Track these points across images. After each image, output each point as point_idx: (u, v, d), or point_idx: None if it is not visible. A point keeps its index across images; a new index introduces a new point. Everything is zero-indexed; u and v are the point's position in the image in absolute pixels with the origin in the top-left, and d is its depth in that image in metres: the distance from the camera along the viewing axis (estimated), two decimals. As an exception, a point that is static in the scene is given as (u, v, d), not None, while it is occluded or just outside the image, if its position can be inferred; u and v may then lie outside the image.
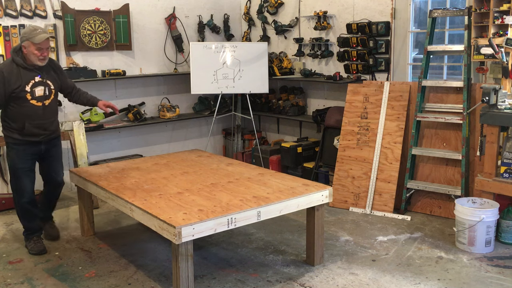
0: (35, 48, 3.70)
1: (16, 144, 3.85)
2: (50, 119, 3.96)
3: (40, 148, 3.96)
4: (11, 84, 3.70)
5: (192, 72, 5.99)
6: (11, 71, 3.71)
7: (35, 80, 3.80)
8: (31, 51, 3.71)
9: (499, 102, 3.99)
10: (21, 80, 3.73)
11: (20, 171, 3.89)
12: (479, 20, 4.31)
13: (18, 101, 3.76)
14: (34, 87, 3.79)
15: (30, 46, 3.70)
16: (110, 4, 5.76)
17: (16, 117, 3.80)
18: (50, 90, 3.90)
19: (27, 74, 3.76)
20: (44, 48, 3.74)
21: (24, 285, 3.49)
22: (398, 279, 3.46)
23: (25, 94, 3.76)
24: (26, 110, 3.80)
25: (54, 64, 4.05)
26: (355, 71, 5.54)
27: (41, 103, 3.85)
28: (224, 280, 3.51)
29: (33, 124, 3.83)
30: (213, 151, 6.85)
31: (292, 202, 3.40)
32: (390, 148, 4.88)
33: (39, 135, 3.88)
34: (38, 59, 3.74)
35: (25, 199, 3.95)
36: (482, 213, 3.84)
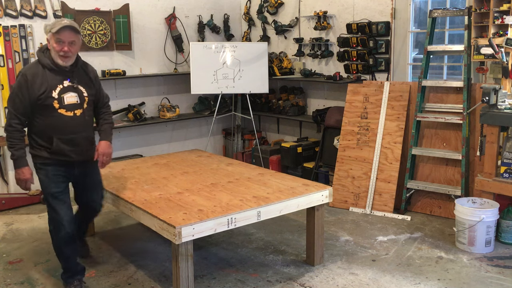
0: (54, 40, 3.05)
1: (45, 164, 3.19)
2: (82, 134, 3.22)
3: (73, 171, 3.28)
4: (35, 89, 3.05)
5: (192, 72, 5.99)
6: (35, 73, 3.07)
7: (63, 84, 3.13)
8: (52, 45, 3.08)
9: (499, 102, 3.99)
10: (46, 84, 3.07)
11: (53, 197, 3.20)
12: (479, 20, 4.31)
13: (44, 111, 3.11)
14: (62, 93, 3.11)
15: (51, 38, 3.08)
16: (110, 4, 5.76)
17: (43, 131, 3.14)
18: (82, 98, 3.20)
19: (54, 78, 3.10)
20: (66, 41, 3.05)
21: (24, 285, 3.49)
22: (398, 279, 3.46)
23: (52, 101, 3.09)
24: (54, 121, 3.12)
25: (89, 69, 3.36)
26: (355, 71, 5.54)
27: (72, 112, 3.16)
28: (224, 280, 3.51)
29: (62, 139, 3.14)
30: (213, 151, 6.85)
31: (292, 202, 3.40)
32: (390, 148, 4.88)
33: (69, 153, 3.19)
34: (59, 56, 3.07)
35: (62, 233, 3.21)
36: (482, 213, 3.84)
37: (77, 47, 3.14)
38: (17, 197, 5.16)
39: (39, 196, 5.21)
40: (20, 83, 3.07)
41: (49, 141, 3.13)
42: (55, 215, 3.20)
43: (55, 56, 3.07)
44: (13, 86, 3.13)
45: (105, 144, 3.35)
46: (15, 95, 3.08)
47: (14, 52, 5.19)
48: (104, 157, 3.32)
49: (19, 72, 3.13)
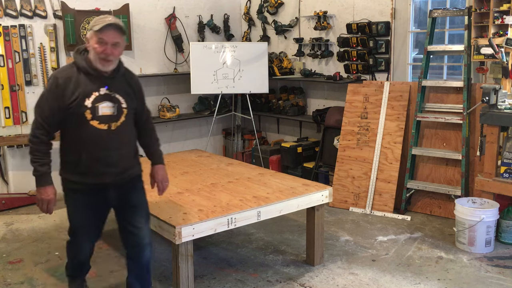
0: (95, 41, 2.59)
1: (73, 190, 2.73)
2: (120, 151, 2.73)
3: (108, 195, 2.75)
4: (67, 95, 2.59)
5: (192, 72, 5.99)
6: (69, 77, 2.62)
7: (99, 92, 2.64)
8: (92, 45, 2.61)
9: (499, 102, 3.99)
10: (80, 90, 2.61)
11: (76, 227, 2.83)
12: (479, 20, 4.31)
13: (74, 122, 2.64)
14: (97, 102, 2.63)
15: (92, 37, 2.61)
16: (110, 4, 5.76)
17: (71, 146, 2.68)
18: (120, 110, 2.70)
19: (89, 83, 2.63)
20: (109, 42, 2.59)
21: (24, 285, 3.49)
22: (398, 279, 3.46)
23: (84, 110, 2.61)
24: (84, 135, 2.63)
25: (132, 77, 2.85)
26: (355, 71, 5.54)
27: (106, 125, 2.65)
28: (224, 280, 3.51)
29: (92, 157, 2.64)
30: (213, 151, 6.85)
31: (292, 202, 3.40)
32: (390, 148, 4.88)
33: (101, 174, 2.68)
34: (99, 60, 2.61)
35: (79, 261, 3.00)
36: (482, 213, 3.84)
37: (121, 50, 2.68)
38: (17, 197, 5.17)
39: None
40: (50, 87, 2.63)
41: (76, 158, 2.66)
42: (77, 247, 2.90)
43: (95, 59, 2.62)
44: (43, 91, 2.70)
45: (162, 169, 2.97)
46: (44, 100, 2.64)
47: (14, 52, 5.19)
48: (164, 184, 2.96)
49: (51, 75, 2.71)
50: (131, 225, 2.84)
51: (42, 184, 2.68)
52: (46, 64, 5.39)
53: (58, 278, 3.57)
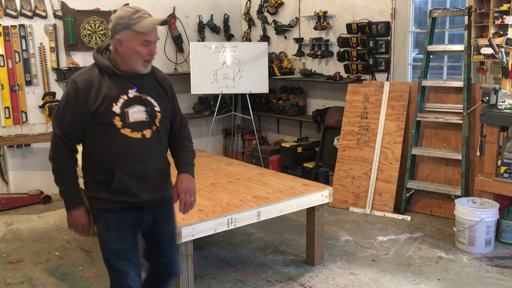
0: (139, 42, 2.19)
1: (104, 210, 2.28)
2: (154, 164, 2.31)
3: (143, 217, 2.33)
4: (90, 101, 2.18)
5: (192, 72, 5.99)
6: (90, 80, 2.20)
7: (128, 95, 2.24)
8: (133, 48, 2.20)
9: (499, 102, 3.99)
10: (105, 95, 2.19)
11: (116, 255, 2.30)
12: (479, 20, 4.31)
13: (101, 132, 2.22)
14: (126, 107, 2.22)
15: (132, 39, 2.19)
16: (110, 4, 5.76)
17: (100, 161, 2.25)
18: (153, 114, 2.29)
19: (115, 85, 2.22)
20: (153, 42, 2.24)
21: (24, 285, 3.49)
22: (398, 279, 3.46)
23: (112, 118, 2.20)
24: (115, 146, 2.22)
25: (162, 76, 2.42)
26: (355, 71, 5.54)
27: (140, 133, 2.25)
28: (224, 280, 3.51)
29: (127, 172, 2.23)
30: (213, 151, 6.85)
31: (292, 202, 3.40)
32: (390, 148, 4.88)
33: (137, 192, 2.26)
34: (143, 62, 2.24)
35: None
36: (482, 213, 3.84)
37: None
38: (17, 197, 5.17)
39: (39, 196, 5.21)
40: (68, 94, 2.20)
41: (109, 175, 2.23)
42: (122, 279, 2.30)
43: (137, 63, 2.23)
44: (60, 99, 2.26)
45: (187, 179, 2.38)
46: (62, 110, 2.21)
47: (14, 52, 5.19)
48: (187, 196, 2.36)
49: (69, 79, 2.27)
50: (165, 258, 2.46)
51: (72, 207, 2.28)
52: (46, 64, 5.39)
53: (58, 278, 3.57)
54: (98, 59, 2.27)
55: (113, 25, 2.22)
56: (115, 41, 2.23)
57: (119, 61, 2.24)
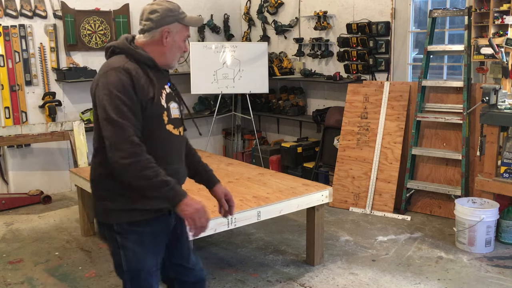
0: (184, 37, 2.12)
1: (137, 224, 2.03)
2: (184, 163, 2.26)
3: (171, 221, 2.18)
4: (144, 92, 1.98)
5: (192, 72, 5.99)
6: (138, 70, 1.99)
7: (166, 90, 2.10)
8: (178, 41, 2.10)
9: (499, 102, 3.99)
10: (153, 87, 2.02)
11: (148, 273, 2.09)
12: (479, 20, 4.30)
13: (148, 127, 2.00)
14: (168, 102, 2.09)
15: (180, 32, 2.10)
16: (110, 4, 5.76)
17: None
18: (182, 111, 2.23)
19: (157, 79, 2.06)
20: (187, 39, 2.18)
21: (24, 285, 3.49)
22: (398, 279, 3.46)
23: (162, 112, 2.04)
24: (160, 143, 2.05)
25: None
26: (355, 71, 5.54)
27: (178, 131, 2.14)
28: (224, 280, 3.51)
29: (169, 171, 2.00)
30: (213, 151, 6.85)
31: (292, 202, 3.40)
32: (390, 148, 4.88)
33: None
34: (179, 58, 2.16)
35: None
36: (482, 213, 3.84)
37: None
38: (17, 197, 5.17)
39: (39, 196, 5.21)
40: (121, 81, 1.92)
41: None
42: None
43: (174, 57, 2.13)
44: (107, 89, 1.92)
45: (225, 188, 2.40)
46: (117, 100, 1.90)
47: (14, 52, 5.19)
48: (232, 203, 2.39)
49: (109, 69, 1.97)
50: (188, 262, 2.32)
51: (184, 194, 1.98)
52: (46, 64, 5.39)
53: (58, 278, 3.57)
54: (135, 51, 2.03)
55: (162, 16, 2.04)
56: (161, 32, 2.05)
57: (156, 54, 2.07)
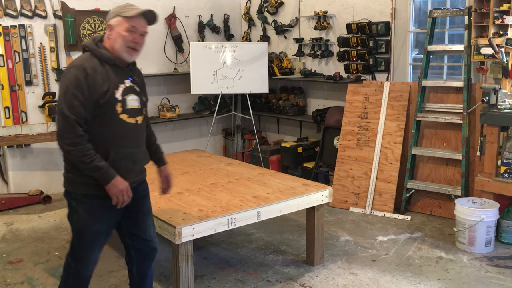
0: (125, 28, 2.42)
1: (89, 196, 2.44)
2: (142, 148, 2.61)
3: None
4: (97, 87, 2.35)
5: (192, 72, 5.99)
6: (95, 67, 2.38)
7: (125, 84, 2.48)
8: (119, 33, 2.42)
9: (499, 102, 3.99)
10: (109, 82, 2.40)
11: (90, 236, 2.49)
12: (479, 20, 4.30)
13: (102, 117, 2.40)
14: (125, 95, 2.46)
15: (121, 24, 2.43)
16: (110, 4, 5.75)
17: (96, 143, 2.38)
18: (142, 102, 2.58)
19: (115, 75, 2.44)
20: (138, 32, 2.46)
21: (24, 285, 3.49)
22: (398, 279, 3.46)
23: (115, 103, 2.41)
24: (114, 130, 2.43)
25: (139, 70, 2.72)
26: (355, 71, 5.54)
27: (134, 120, 2.50)
28: (224, 280, 3.51)
29: (120, 154, 2.45)
30: (213, 151, 6.85)
31: (292, 202, 3.40)
32: (390, 148, 4.88)
33: (125, 174, 2.46)
34: (126, 47, 2.43)
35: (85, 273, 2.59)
36: (482, 213, 3.84)
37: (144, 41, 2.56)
38: (17, 197, 5.17)
39: (39, 196, 5.21)
40: (77, 79, 2.32)
41: (103, 156, 2.38)
42: (84, 255, 2.53)
43: (121, 48, 2.43)
44: (65, 85, 2.34)
45: (167, 168, 2.82)
46: (71, 96, 2.30)
47: (14, 52, 5.19)
48: (170, 182, 2.84)
49: (70, 66, 2.40)
50: (145, 234, 2.71)
51: (112, 176, 2.38)
52: (46, 64, 5.39)
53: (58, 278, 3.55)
54: (96, 49, 2.43)
55: (109, 15, 2.49)
56: (107, 27, 2.49)
57: (111, 49, 2.44)
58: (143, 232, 2.70)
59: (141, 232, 2.70)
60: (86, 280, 2.62)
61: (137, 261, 2.76)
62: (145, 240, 2.72)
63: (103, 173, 2.36)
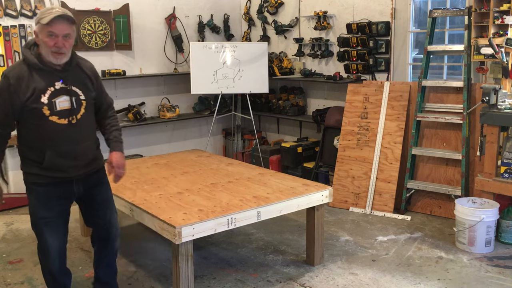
0: (45, 33, 2.54)
1: (36, 184, 2.70)
2: (82, 144, 2.74)
3: (73, 189, 2.77)
4: (20, 94, 2.56)
5: (192, 72, 5.99)
6: (20, 75, 2.57)
7: (55, 87, 2.63)
8: (42, 39, 2.56)
9: (499, 102, 3.99)
10: (34, 88, 2.58)
11: (42, 222, 2.73)
12: (479, 20, 4.31)
13: (33, 119, 2.62)
14: (54, 97, 2.62)
15: (42, 31, 2.55)
16: (110, 4, 5.76)
17: (33, 142, 2.66)
18: (79, 102, 2.70)
19: (43, 79, 2.60)
20: (59, 34, 2.55)
21: (24, 285, 3.49)
22: (398, 279, 3.46)
23: (41, 107, 2.59)
24: (45, 131, 2.63)
25: (87, 66, 2.82)
26: (355, 71, 5.54)
27: (66, 120, 2.66)
28: (224, 280, 3.51)
29: (56, 152, 2.65)
30: (213, 151, 6.85)
31: (292, 202, 3.40)
32: (390, 148, 4.88)
33: (67, 168, 2.69)
34: (51, 53, 2.57)
35: (50, 265, 2.82)
36: (482, 213, 3.84)
37: (72, 41, 2.64)
38: (17, 197, 5.17)
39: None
40: (1, 87, 2.59)
41: (41, 155, 2.63)
42: (43, 243, 2.78)
43: (46, 53, 2.58)
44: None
45: (118, 156, 2.86)
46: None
47: (14, 52, 5.20)
48: (119, 170, 2.85)
49: (2, 74, 2.64)
50: (101, 219, 2.93)
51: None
52: (46, 64, 5.39)
53: (58, 278, 3.56)
54: (26, 56, 2.61)
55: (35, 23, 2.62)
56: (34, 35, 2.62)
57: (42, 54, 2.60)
58: (100, 218, 2.92)
59: (97, 219, 2.92)
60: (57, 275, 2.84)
61: (98, 242, 3.01)
62: (102, 225, 2.94)
63: None
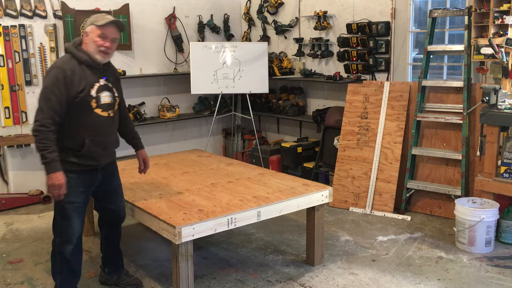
0: (97, 34, 2.88)
1: (69, 171, 2.90)
2: (112, 136, 3.12)
3: (96, 177, 3.06)
4: (75, 85, 2.84)
5: (192, 72, 5.99)
6: (74, 69, 2.86)
7: (99, 82, 2.96)
8: (92, 38, 2.89)
9: (499, 102, 3.99)
10: (86, 81, 2.88)
11: (69, 207, 2.94)
12: (479, 20, 4.31)
13: (80, 110, 2.89)
14: (99, 92, 2.94)
15: (93, 31, 2.89)
16: (110, 4, 5.76)
17: (75, 132, 2.91)
18: (114, 98, 3.06)
19: (92, 74, 2.93)
20: (109, 37, 2.91)
21: (24, 285, 3.49)
22: (398, 279, 3.46)
23: (90, 100, 2.90)
24: (89, 122, 2.92)
25: (115, 69, 3.22)
26: (355, 71, 5.54)
27: (107, 113, 2.99)
28: (224, 280, 3.51)
29: (94, 141, 2.95)
30: (213, 151, 6.85)
31: (292, 202, 3.40)
32: (390, 148, 4.88)
33: (98, 157, 3.00)
34: (98, 50, 2.89)
35: (71, 247, 3.01)
36: (482, 213, 3.84)
37: (117, 45, 3.02)
38: (17, 197, 5.17)
39: (39, 196, 5.21)
40: (56, 78, 2.81)
41: (80, 143, 2.91)
42: (68, 227, 2.96)
43: (94, 51, 2.89)
44: (46, 82, 2.84)
45: (145, 152, 3.44)
46: (49, 92, 2.80)
47: (14, 52, 5.19)
48: (148, 164, 3.44)
49: (53, 67, 2.87)
50: (114, 205, 3.26)
51: (53, 170, 2.79)
52: (46, 64, 5.39)
53: (58, 278, 3.56)
54: (75, 52, 2.90)
55: (86, 24, 2.95)
56: (83, 34, 2.95)
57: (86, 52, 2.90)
58: (111, 203, 3.25)
59: (111, 204, 3.25)
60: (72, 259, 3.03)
61: (107, 225, 3.34)
62: (113, 210, 3.27)
63: (47, 164, 2.79)
